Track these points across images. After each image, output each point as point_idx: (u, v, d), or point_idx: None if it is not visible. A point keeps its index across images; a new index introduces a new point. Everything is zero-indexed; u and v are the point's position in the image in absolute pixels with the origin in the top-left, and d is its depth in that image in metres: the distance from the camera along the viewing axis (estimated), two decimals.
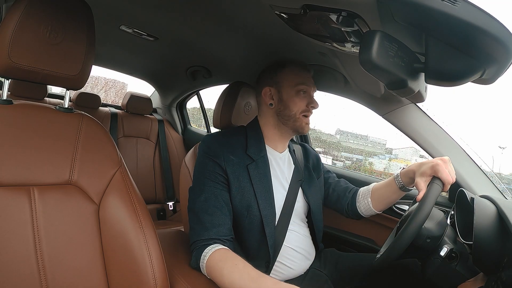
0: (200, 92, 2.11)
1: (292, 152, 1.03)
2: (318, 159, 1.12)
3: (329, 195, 1.07)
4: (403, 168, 0.90)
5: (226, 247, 0.75)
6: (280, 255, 0.89)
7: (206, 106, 2.23)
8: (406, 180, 0.88)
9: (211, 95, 2.08)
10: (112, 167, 0.72)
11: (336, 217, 1.37)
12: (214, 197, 0.81)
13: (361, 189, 1.03)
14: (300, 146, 1.10)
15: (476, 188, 0.97)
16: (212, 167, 0.84)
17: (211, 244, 0.75)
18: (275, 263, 0.88)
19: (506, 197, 1.00)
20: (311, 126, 0.98)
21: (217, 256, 0.72)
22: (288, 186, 0.95)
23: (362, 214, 1.00)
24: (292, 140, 1.09)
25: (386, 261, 0.79)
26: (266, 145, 0.95)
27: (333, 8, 0.58)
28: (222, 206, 0.81)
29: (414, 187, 0.83)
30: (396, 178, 0.91)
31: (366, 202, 0.97)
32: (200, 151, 0.89)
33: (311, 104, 0.92)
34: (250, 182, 0.85)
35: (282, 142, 0.98)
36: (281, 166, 0.96)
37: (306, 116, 0.93)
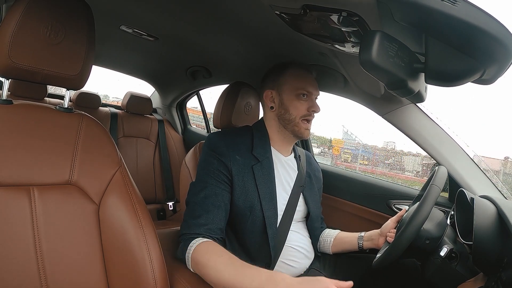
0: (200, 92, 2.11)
1: (297, 158, 1.03)
2: (320, 173, 1.13)
3: None
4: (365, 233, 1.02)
5: (212, 240, 0.75)
6: (282, 254, 0.89)
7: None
8: (367, 244, 1.00)
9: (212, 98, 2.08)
10: (112, 167, 0.71)
11: (335, 217, 1.37)
12: (214, 196, 0.80)
13: (326, 230, 1.10)
14: (305, 153, 1.10)
15: (476, 188, 0.97)
16: (217, 165, 0.83)
17: (199, 237, 0.75)
18: (277, 262, 0.88)
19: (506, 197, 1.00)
20: None
21: (203, 248, 0.72)
22: (290, 190, 0.95)
23: (317, 249, 1.04)
24: (296, 143, 1.08)
25: (385, 262, 0.79)
26: (272, 147, 0.95)
27: (333, 8, 0.58)
28: (220, 206, 0.80)
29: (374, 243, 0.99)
30: (359, 239, 1.02)
31: (326, 245, 1.07)
32: (205, 149, 0.88)
33: (312, 108, 0.92)
34: (255, 183, 0.85)
35: (286, 146, 0.98)
36: (285, 170, 0.96)
37: (308, 121, 0.93)
